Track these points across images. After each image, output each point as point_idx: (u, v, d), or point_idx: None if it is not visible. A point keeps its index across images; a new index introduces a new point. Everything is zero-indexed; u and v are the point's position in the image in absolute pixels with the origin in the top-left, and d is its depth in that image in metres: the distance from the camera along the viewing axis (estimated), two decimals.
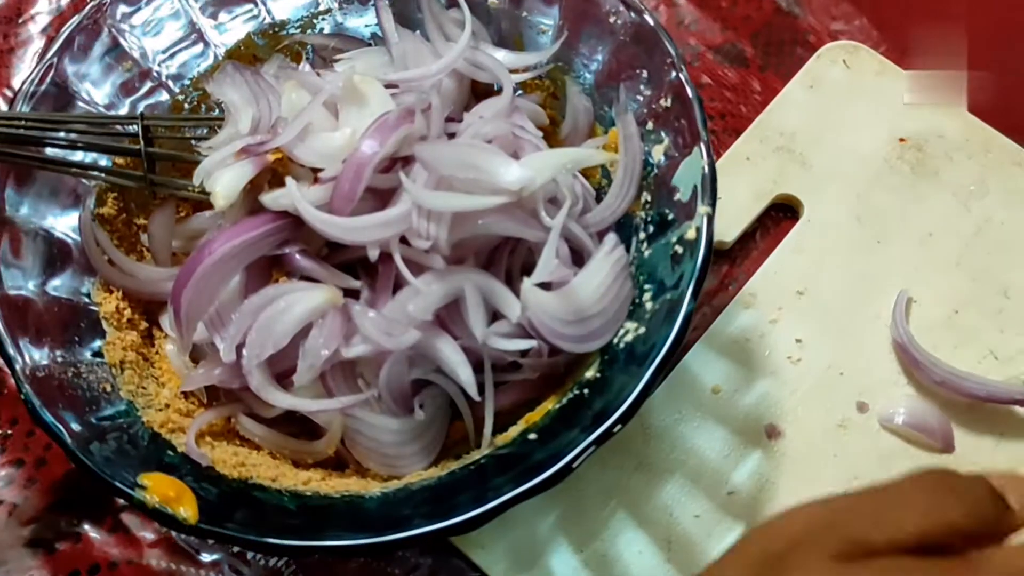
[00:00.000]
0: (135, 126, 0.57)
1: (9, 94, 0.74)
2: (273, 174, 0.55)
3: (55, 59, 0.57)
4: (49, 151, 0.56)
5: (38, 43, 0.76)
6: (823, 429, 0.59)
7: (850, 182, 0.67)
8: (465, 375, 0.51)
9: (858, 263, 0.64)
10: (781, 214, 0.67)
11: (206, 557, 0.58)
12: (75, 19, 0.58)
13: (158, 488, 0.46)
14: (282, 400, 0.51)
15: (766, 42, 0.73)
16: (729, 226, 0.65)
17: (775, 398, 0.60)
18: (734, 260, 0.66)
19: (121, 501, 0.58)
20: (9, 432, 0.61)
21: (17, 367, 0.49)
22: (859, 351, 0.61)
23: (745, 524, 0.57)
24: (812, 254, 0.65)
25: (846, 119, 0.69)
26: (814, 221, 0.66)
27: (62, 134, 0.56)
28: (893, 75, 0.70)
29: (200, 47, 0.63)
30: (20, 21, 0.76)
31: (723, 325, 0.63)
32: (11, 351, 0.49)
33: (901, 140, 0.68)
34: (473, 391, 0.51)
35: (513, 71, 0.59)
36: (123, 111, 0.60)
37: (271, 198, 0.53)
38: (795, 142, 0.68)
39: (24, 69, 0.75)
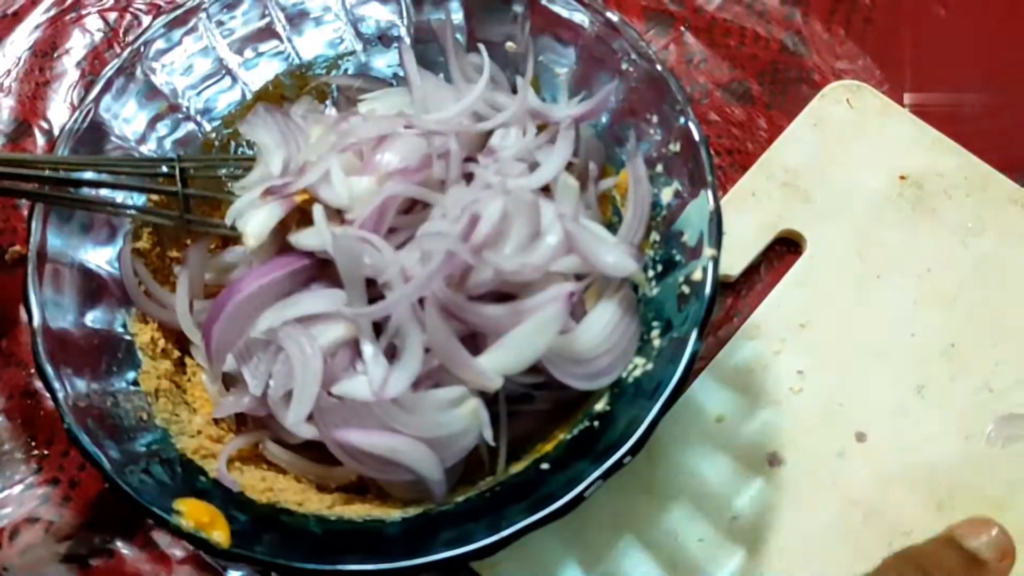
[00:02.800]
0: (167, 166, 0.60)
1: (45, 125, 0.77)
2: (301, 214, 0.58)
3: (94, 103, 0.59)
4: (88, 189, 0.58)
5: (72, 75, 0.79)
6: (823, 457, 0.62)
7: (852, 218, 0.69)
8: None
9: (858, 296, 0.67)
10: (785, 248, 0.70)
11: (232, 574, 0.61)
12: (115, 62, 0.60)
13: (192, 514, 0.49)
14: (306, 431, 0.54)
15: (772, 80, 0.76)
16: (735, 259, 0.68)
17: (777, 427, 0.63)
18: (739, 292, 0.68)
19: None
20: (46, 452, 0.64)
21: (60, 397, 0.51)
22: (858, 382, 0.64)
23: (747, 548, 0.59)
24: (814, 288, 0.67)
25: (848, 156, 0.71)
26: (816, 255, 0.68)
27: (104, 176, 0.58)
28: (894, 114, 0.73)
29: (228, 82, 0.66)
30: (55, 55, 0.79)
31: (728, 356, 0.65)
32: (55, 384, 0.51)
33: (901, 177, 0.70)
34: (488, 434, 0.53)
35: (539, 127, 0.61)
36: (152, 143, 0.63)
37: (298, 238, 0.56)
38: (799, 178, 0.70)
39: (59, 101, 0.78)
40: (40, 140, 0.76)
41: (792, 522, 0.60)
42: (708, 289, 0.52)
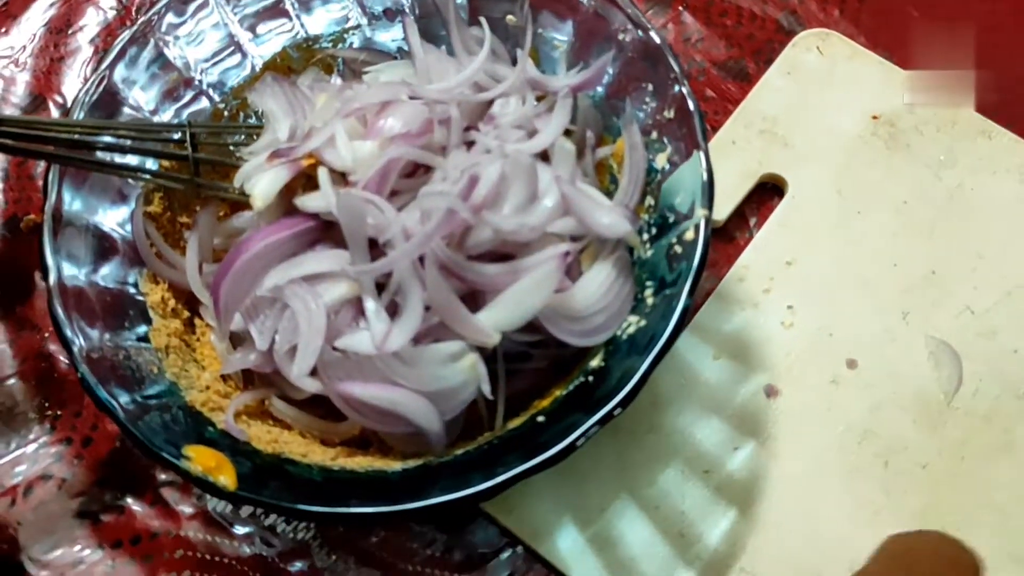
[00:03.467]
0: (179, 133, 0.62)
1: (59, 99, 0.79)
2: (307, 179, 0.60)
3: (108, 70, 0.61)
4: (101, 154, 0.60)
5: (86, 52, 0.81)
6: (817, 386, 0.65)
7: (830, 159, 0.72)
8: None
9: (841, 233, 0.70)
10: (768, 192, 0.72)
11: (239, 529, 0.63)
12: (127, 32, 0.62)
13: (200, 459, 0.51)
14: (310, 385, 0.56)
15: (768, 59, 0.77)
16: (720, 206, 0.70)
17: (772, 361, 0.66)
18: (727, 237, 0.71)
19: (162, 477, 0.63)
20: (59, 413, 0.66)
21: (74, 348, 0.53)
22: (847, 313, 0.67)
23: (750, 478, 0.62)
24: (798, 227, 0.70)
25: (823, 101, 0.74)
26: (798, 197, 0.71)
27: (115, 140, 0.60)
28: (863, 58, 0.76)
29: (238, 57, 0.68)
30: (70, 32, 0.81)
31: (720, 297, 0.68)
32: (69, 333, 0.53)
33: (874, 117, 0.73)
34: (486, 388, 0.55)
35: (538, 97, 0.63)
36: (167, 116, 0.64)
37: (304, 201, 0.58)
38: (777, 125, 0.73)
39: (73, 77, 0.80)
40: (55, 113, 0.78)
41: (792, 449, 0.63)
42: (700, 247, 0.53)
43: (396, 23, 0.69)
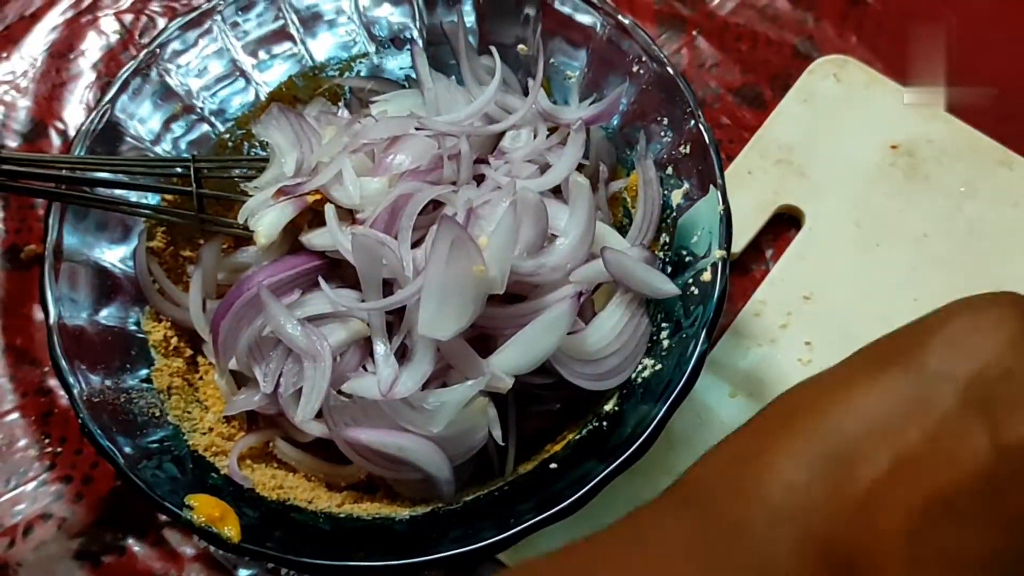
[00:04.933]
0: (181, 167, 0.61)
1: (60, 126, 0.77)
2: (313, 215, 0.58)
3: (110, 103, 0.60)
4: (103, 189, 0.59)
5: (88, 76, 0.79)
6: None
7: (847, 189, 0.70)
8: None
9: (859, 266, 0.68)
10: (784, 224, 0.71)
11: (243, 572, 0.61)
12: (131, 64, 0.61)
13: (204, 508, 0.49)
14: (315, 429, 0.54)
15: (784, 85, 0.76)
16: (736, 238, 0.67)
17: None
18: (743, 270, 0.69)
19: (163, 518, 0.62)
20: (59, 450, 0.65)
21: (75, 392, 0.52)
22: None
23: None
24: (816, 260, 0.68)
25: (840, 130, 0.73)
26: (815, 229, 0.69)
27: (119, 176, 0.59)
28: (881, 86, 0.74)
29: (242, 83, 0.66)
30: (72, 56, 0.80)
31: (736, 333, 0.66)
32: (70, 379, 0.52)
33: (893, 147, 0.72)
34: (497, 433, 0.54)
35: (550, 129, 0.62)
36: (167, 144, 0.63)
37: (310, 238, 0.57)
38: (793, 154, 0.72)
39: (75, 102, 0.78)
40: (56, 140, 0.77)
41: None
42: (717, 289, 0.52)
43: (404, 51, 0.68)
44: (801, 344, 0.66)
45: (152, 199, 0.62)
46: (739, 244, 0.69)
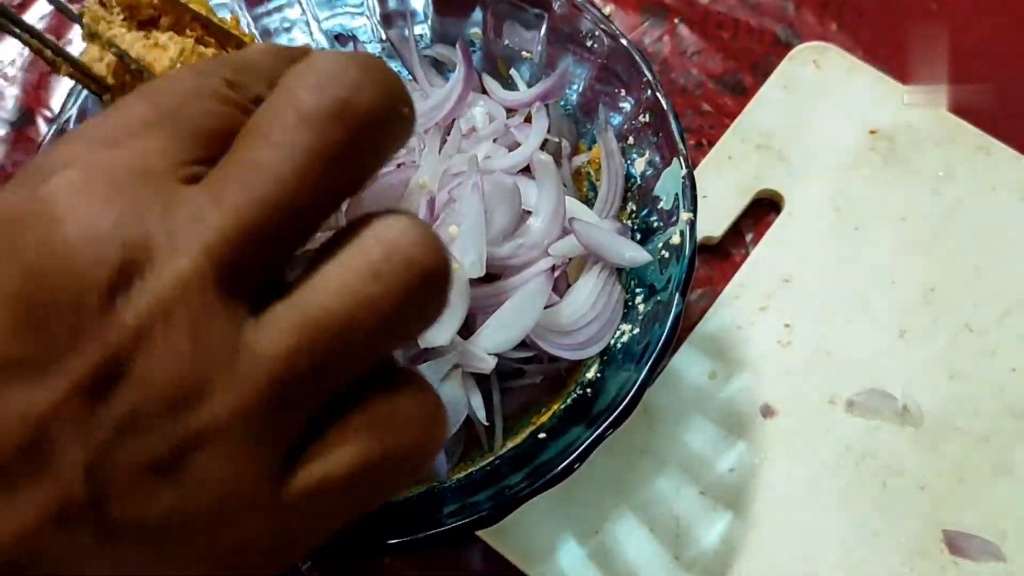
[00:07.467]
0: None
1: (48, 114, 0.78)
2: None
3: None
4: None
5: None
6: (814, 406, 0.63)
7: (827, 174, 0.71)
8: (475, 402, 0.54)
9: (838, 250, 0.68)
10: (764, 208, 0.71)
11: None
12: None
13: None
14: None
15: (765, 73, 0.76)
16: (716, 222, 0.69)
17: (768, 380, 0.64)
18: (723, 254, 0.70)
19: None
20: None
21: None
22: (844, 331, 0.65)
23: (745, 498, 0.61)
24: (795, 244, 0.69)
25: (820, 115, 0.73)
26: (795, 212, 0.70)
27: None
28: (861, 71, 0.74)
29: None
30: (60, 44, 0.80)
31: (715, 315, 0.67)
32: None
33: (872, 132, 0.72)
34: (481, 414, 0.54)
35: (509, 111, 0.62)
36: None
37: None
38: (773, 139, 0.72)
39: (61, 90, 0.79)
40: (43, 128, 0.78)
41: (787, 470, 0.61)
42: (687, 251, 0.53)
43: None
44: (780, 326, 0.66)
45: None
46: (719, 229, 0.69)
